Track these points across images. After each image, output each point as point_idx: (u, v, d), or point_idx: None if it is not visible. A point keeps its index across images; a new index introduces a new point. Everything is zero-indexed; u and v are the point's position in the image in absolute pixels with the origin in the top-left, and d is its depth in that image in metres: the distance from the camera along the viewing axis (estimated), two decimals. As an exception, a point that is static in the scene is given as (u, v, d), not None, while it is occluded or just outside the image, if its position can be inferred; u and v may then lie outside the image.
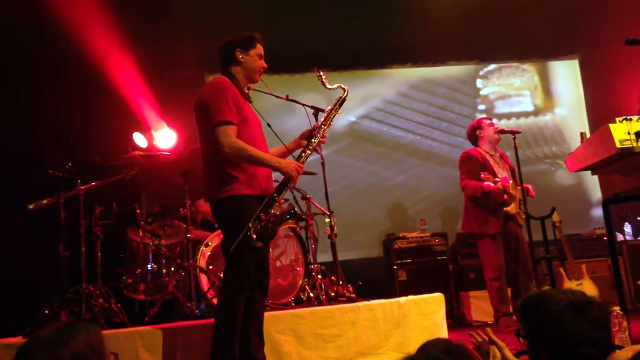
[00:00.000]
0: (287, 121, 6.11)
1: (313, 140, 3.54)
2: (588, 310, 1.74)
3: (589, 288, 5.61)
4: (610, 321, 1.79)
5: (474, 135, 5.70)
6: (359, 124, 7.62)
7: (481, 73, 8.07)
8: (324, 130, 3.60)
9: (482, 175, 5.15)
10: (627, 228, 6.87)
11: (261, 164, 3.32)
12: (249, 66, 3.48)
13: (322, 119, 3.65)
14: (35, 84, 5.87)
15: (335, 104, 3.70)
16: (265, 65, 3.55)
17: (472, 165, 5.41)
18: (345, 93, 3.74)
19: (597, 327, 1.74)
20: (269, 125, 3.54)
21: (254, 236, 3.14)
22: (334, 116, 3.67)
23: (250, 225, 3.15)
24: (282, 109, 5.90)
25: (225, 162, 3.26)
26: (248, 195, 3.28)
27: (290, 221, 4.69)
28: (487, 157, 5.54)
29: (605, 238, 6.34)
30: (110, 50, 6.05)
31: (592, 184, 7.69)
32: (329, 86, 3.66)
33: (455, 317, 6.09)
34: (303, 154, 3.50)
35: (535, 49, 7.92)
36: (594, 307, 1.75)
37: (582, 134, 3.82)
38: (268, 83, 3.73)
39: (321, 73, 3.65)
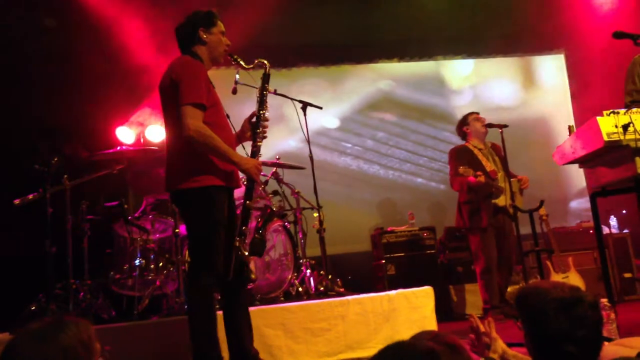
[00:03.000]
0: (273, 114, 6.09)
1: (259, 130, 3.35)
2: (575, 308, 1.74)
3: (575, 281, 5.66)
4: (601, 321, 1.79)
5: (461, 131, 5.74)
6: (347, 118, 7.60)
7: (467, 66, 8.09)
8: (264, 116, 3.38)
9: (459, 170, 5.16)
10: (613, 221, 6.92)
11: (222, 156, 3.12)
12: (214, 45, 3.31)
13: (257, 105, 3.41)
14: (21, 79, 5.80)
15: (262, 83, 3.46)
16: (229, 42, 3.37)
17: (459, 161, 5.43)
18: (267, 67, 3.47)
19: (582, 326, 1.73)
20: (227, 116, 3.36)
21: (246, 253, 3.08)
22: (266, 97, 3.44)
23: (237, 244, 3.06)
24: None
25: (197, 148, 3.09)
26: (220, 187, 3.16)
27: (273, 221, 4.67)
28: (476, 151, 5.57)
29: (591, 231, 6.39)
30: (102, 43, 6.01)
31: (577, 177, 7.76)
32: (246, 66, 3.39)
33: (444, 310, 6.10)
34: (255, 149, 3.33)
35: (522, 43, 7.96)
36: (584, 305, 1.74)
37: (570, 127, 3.85)
38: (254, 77, 3.65)
39: (235, 56, 3.38)
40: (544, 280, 5.12)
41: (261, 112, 3.40)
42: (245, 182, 3.27)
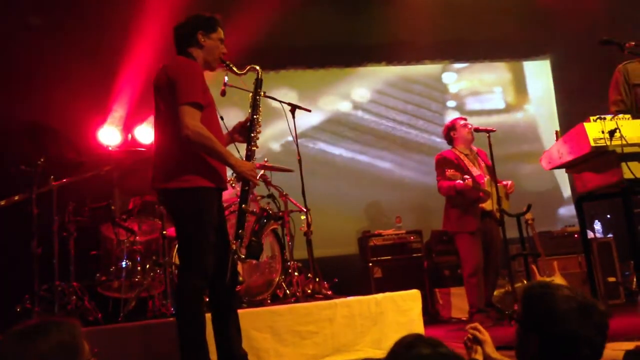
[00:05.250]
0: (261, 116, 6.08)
1: (253, 134, 3.36)
2: (593, 315, 1.77)
3: (560, 285, 5.70)
4: (608, 327, 1.81)
5: (448, 136, 5.77)
6: (334, 122, 7.62)
7: (454, 71, 8.15)
8: (257, 120, 3.40)
9: (447, 173, 5.19)
10: (597, 225, 6.98)
11: (218, 158, 3.13)
12: (210, 51, 3.30)
13: (251, 109, 3.42)
14: (8, 79, 5.75)
15: (255, 88, 3.47)
16: (225, 50, 3.38)
17: (446, 167, 5.46)
18: (260, 73, 3.49)
19: (599, 332, 1.77)
20: (221, 118, 3.37)
21: (243, 256, 3.10)
22: (259, 101, 3.46)
23: (233, 247, 3.08)
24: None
25: (189, 148, 3.07)
26: (210, 189, 3.14)
27: (270, 224, 4.67)
28: (462, 157, 5.60)
29: (576, 235, 6.45)
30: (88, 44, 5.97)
31: (562, 181, 7.83)
32: (239, 72, 3.39)
33: (430, 313, 6.12)
34: (249, 152, 3.33)
35: (508, 48, 8.03)
36: (597, 312, 1.79)
37: (557, 133, 3.88)
38: (243, 80, 3.64)
39: (228, 62, 3.39)
40: (516, 285, 5.19)
41: (255, 116, 3.41)
42: (233, 185, 3.26)
